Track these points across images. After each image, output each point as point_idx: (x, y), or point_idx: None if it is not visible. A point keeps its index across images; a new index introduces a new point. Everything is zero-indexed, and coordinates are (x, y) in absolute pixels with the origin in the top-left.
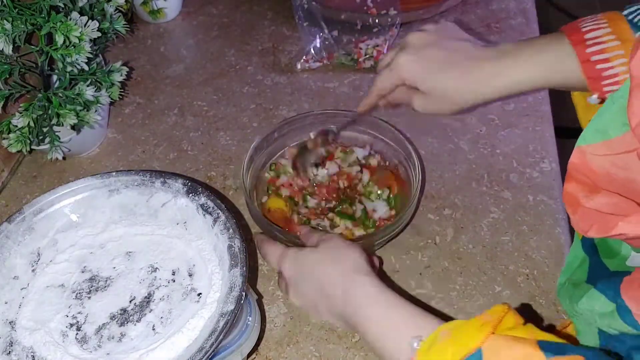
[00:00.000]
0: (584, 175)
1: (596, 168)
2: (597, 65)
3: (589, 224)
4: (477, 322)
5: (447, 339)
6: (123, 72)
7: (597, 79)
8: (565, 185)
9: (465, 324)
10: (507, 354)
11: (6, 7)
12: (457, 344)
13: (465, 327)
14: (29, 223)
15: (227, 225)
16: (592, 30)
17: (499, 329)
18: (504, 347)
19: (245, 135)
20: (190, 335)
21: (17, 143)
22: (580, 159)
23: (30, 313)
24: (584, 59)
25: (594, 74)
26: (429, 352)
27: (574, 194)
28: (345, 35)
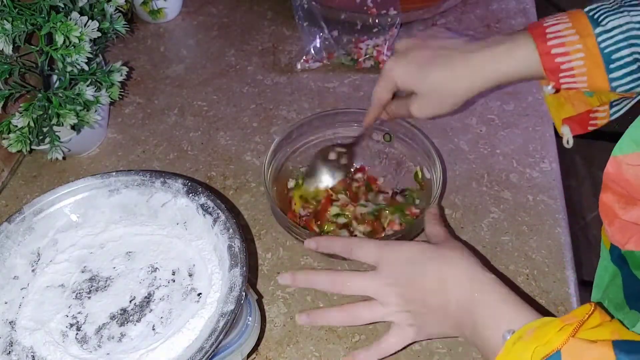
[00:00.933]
0: (619, 185)
1: (632, 178)
2: (556, 59)
3: (627, 237)
4: (560, 324)
5: (530, 337)
6: (123, 72)
7: (555, 71)
8: (601, 195)
9: (549, 323)
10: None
11: (6, 7)
12: (539, 341)
13: (548, 328)
14: (29, 223)
15: (227, 225)
16: (553, 25)
17: (582, 330)
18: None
19: (245, 135)
20: (190, 335)
21: (17, 143)
22: (615, 168)
23: (30, 313)
24: (544, 51)
25: (553, 66)
26: (514, 347)
27: (610, 205)
28: (345, 35)
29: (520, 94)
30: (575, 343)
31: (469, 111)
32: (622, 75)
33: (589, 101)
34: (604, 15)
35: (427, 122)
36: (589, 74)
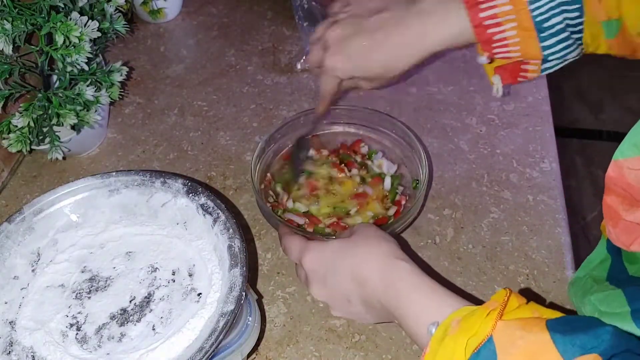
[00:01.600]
0: (622, 188)
1: (633, 182)
2: (488, 30)
3: (631, 238)
4: (484, 310)
5: (457, 330)
6: (123, 72)
7: (488, 42)
8: (605, 197)
9: (473, 312)
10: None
11: (6, 7)
12: (468, 333)
13: (474, 317)
14: (29, 223)
15: (227, 225)
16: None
17: (506, 313)
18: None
19: (245, 135)
20: (190, 335)
21: (17, 143)
22: (617, 172)
23: (30, 313)
24: (476, 23)
25: (485, 37)
26: (443, 344)
27: (614, 207)
28: None
29: (520, 94)
30: (505, 327)
31: (469, 111)
32: (554, 43)
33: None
34: None
35: (427, 122)
36: (521, 43)
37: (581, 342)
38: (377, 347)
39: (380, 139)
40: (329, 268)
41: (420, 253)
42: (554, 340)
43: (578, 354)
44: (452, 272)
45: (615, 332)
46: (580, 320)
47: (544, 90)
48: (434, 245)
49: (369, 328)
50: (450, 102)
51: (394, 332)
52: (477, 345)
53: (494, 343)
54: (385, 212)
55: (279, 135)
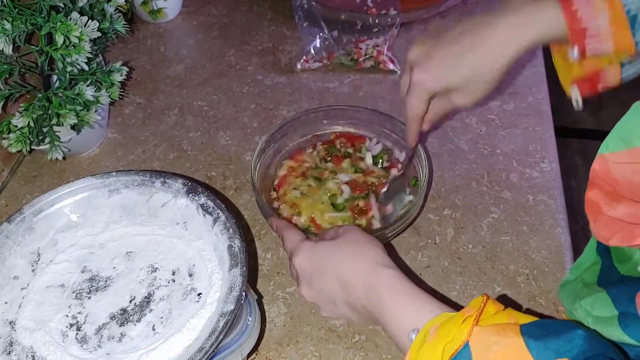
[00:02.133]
0: (606, 182)
1: (618, 176)
2: (582, 21)
3: (611, 233)
4: (460, 317)
5: (435, 337)
6: (123, 72)
7: (581, 33)
8: (587, 192)
9: (451, 319)
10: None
11: (6, 7)
12: (445, 339)
13: (451, 324)
14: (29, 223)
15: (227, 225)
16: None
17: (482, 319)
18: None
19: (245, 135)
20: (190, 335)
21: (17, 143)
22: (602, 166)
23: (30, 313)
24: (569, 14)
25: (578, 29)
26: (422, 349)
27: (596, 202)
28: (345, 35)
29: (520, 94)
30: (481, 333)
31: (469, 111)
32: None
33: (598, 62)
34: None
35: None
36: (615, 34)
37: (554, 346)
38: (377, 347)
39: (380, 138)
40: (315, 269)
41: (420, 253)
42: (528, 345)
43: (552, 358)
44: (452, 272)
45: (588, 336)
46: (554, 325)
47: (544, 90)
48: (434, 245)
49: (369, 328)
50: None
51: None
52: (453, 351)
53: (470, 349)
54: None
55: (279, 135)
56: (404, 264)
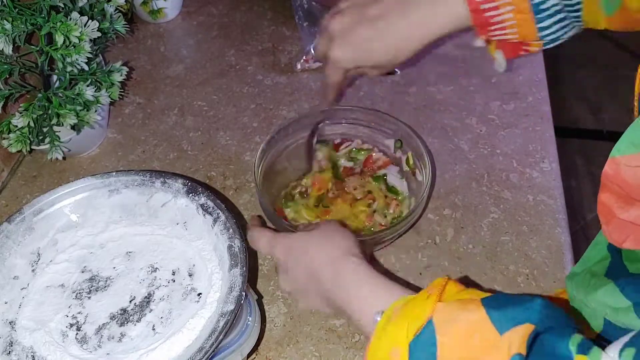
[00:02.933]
0: (618, 186)
1: (630, 179)
2: (485, 13)
3: (624, 236)
4: (423, 295)
5: (399, 316)
6: (123, 72)
7: (485, 25)
8: (600, 195)
9: (414, 298)
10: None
11: (6, 7)
12: (409, 317)
13: (413, 302)
14: (29, 223)
15: (227, 225)
16: None
17: (444, 297)
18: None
19: (245, 135)
20: (190, 335)
21: (17, 143)
22: (614, 169)
23: (30, 313)
24: (473, 7)
25: (483, 21)
26: (385, 330)
27: (608, 205)
28: None
29: (520, 94)
30: (444, 308)
31: (469, 111)
32: (551, 24)
33: None
34: None
35: (427, 121)
36: (518, 25)
37: (513, 314)
38: None
39: (381, 139)
40: (290, 259)
41: (420, 253)
42: (490, 316)
43: (511, 325)
44: (452, 272)
45: (546, 304)
46: (513, 297)
47: (544, 90)
48: (434, 245)
49: None
50: (450, 102)
51: None
52: (418, 327)
53: (433, 324)
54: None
55: (283, 134)
56: (379, 263)
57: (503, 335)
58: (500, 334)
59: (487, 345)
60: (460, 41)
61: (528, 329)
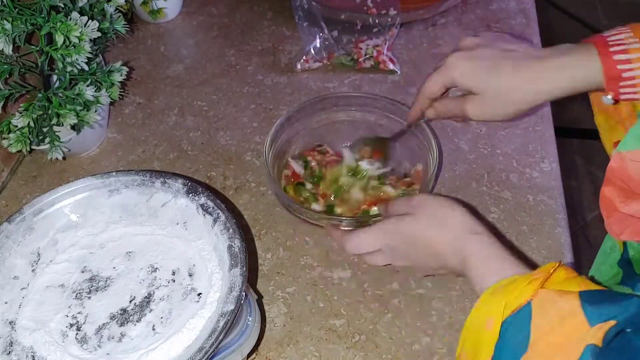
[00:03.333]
0: (622, 180)
1: (634, 174)
2: (617, 65)
3: (622, 228)
4: (528, 277)
5: (501, 292)
6: (123, 72)
7: (616, 78)
8: (603, 188)
9: (519, 278)
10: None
11: (6, 7)
12: (509, 296)
13: (517, 283)
14: (29, 223)
15: (227, 225)
16: (614, 35)
17: (548, 283)
18: (549, 302)
19: (245, 135)
20: (190, 335)
21: (17, 143)
22: (619, 164)
23: (30, 313)
24: (606, 58)
25: (614, 74)
26: (488, 300)
27: (611, 198)
28: (345, 35)
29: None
30: (544, 294)
31: None
32: None
33: None
34: None
35: None
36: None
37: (607, 310)
38: (377, 347)
39: (394, 127)
40: (405, 245)
41: None
42: (584, 309)
43: (602, 320)
44: None
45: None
46: (614, 293)
47: None
48: None
49: (369, 328)
50: None
51: (394, 332)
52: (516, 307)
53: (531, 307)
54: None
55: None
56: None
57: (592, 328)
58: (591, 326)
59: (576, 335)
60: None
61: (611, 324)
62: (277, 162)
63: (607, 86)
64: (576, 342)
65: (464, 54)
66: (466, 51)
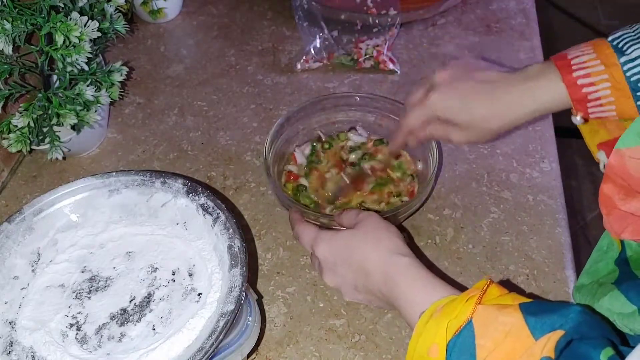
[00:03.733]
0: (621, 178)
1: (633, 171)
2: (582, 89)
3: (623, 226)
4: (465, 297)
5: (440, 314)
6: (123, 72)
7: (582, 101)
8: (602, 186)
9: (455, 299)
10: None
11: (6, 7)
12: (450, 316)
13: (455, 303)
14: (29, 223)
15: (227, 225)
16: (577, 57)
17: (485, 299)
18: (490, 318)
19: (245, 135)
20: (190, 335)
21: (17, 143)
22: (618, 161)
23: (30, 313)
24: (570, 82)
25: (580, 97)
26: (426, 326)
27: (610, 196)
28: (345, 35)
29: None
30: (483, 310)
31: None
32: None
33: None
34: (628, 44)
35: None
36: (617, 103)
37: (550, 321)
38: (377, 347)
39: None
40: (338, 258)
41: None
42: (526, 321)
43: (547, 331)
44: (452, 272)
45: (582, 311)
46: (551, 304)
47: None
48: (434, 245)
49: (369, 328)
50: None
51: (394, 332)
52: (457, 327)
53: (473, 325)
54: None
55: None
56: (420, 251)
57: (538, 341)
58: (535, 339)
59: (521, 350)
60: (459, 42)
61: (559, 334)
62: (277, 162)
63: (575, 107)
64: (526, 357)
65: (445, 92)
66: (445, 87)
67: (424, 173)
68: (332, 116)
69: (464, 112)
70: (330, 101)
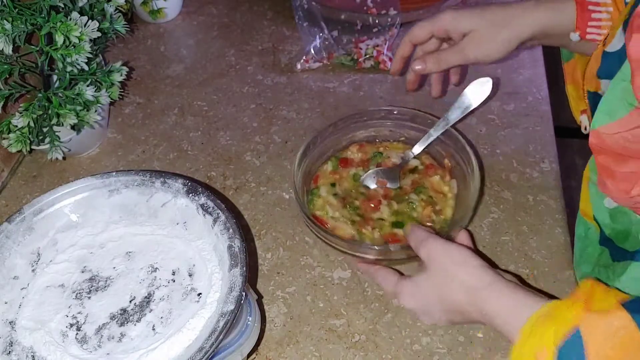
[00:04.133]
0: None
1: (612, 145)
2: (589, 6)
3: (631, 184)
4: (569, 302)
5: (546, 319)
6: (123, 72)
7: (585, 20)
8: (596, 157)
9: (561, 304)
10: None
11: (6, 7)
12: (557, 322)
13: (560, 309)
14: (29, 223)
15: (227, 225)
16: None
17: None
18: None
19: (245, 135)
20: (190, 335)
21: (17, 143)
22: (597, 139)
23: (30, 313)
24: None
25: (585, 15)
26: (532, 332)
27: (606, 164)
28: (345, 35)
29: (520, 94)
30: (590, 316)
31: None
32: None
33: None
34: None
35: None
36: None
37: None
38: (377, 347)
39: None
40: (427, 305)
41: None
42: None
43: None
44: None
45: None
46: None
47: (544, 90)
48: None
49: (369, 328)
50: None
51: (394, 332)
52: (565, 333)
53: (580, 331)
54: None
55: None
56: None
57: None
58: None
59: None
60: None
61: None
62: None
63: (577, 23)
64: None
65: (454, 11)
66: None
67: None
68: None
69: (474, 16)
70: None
